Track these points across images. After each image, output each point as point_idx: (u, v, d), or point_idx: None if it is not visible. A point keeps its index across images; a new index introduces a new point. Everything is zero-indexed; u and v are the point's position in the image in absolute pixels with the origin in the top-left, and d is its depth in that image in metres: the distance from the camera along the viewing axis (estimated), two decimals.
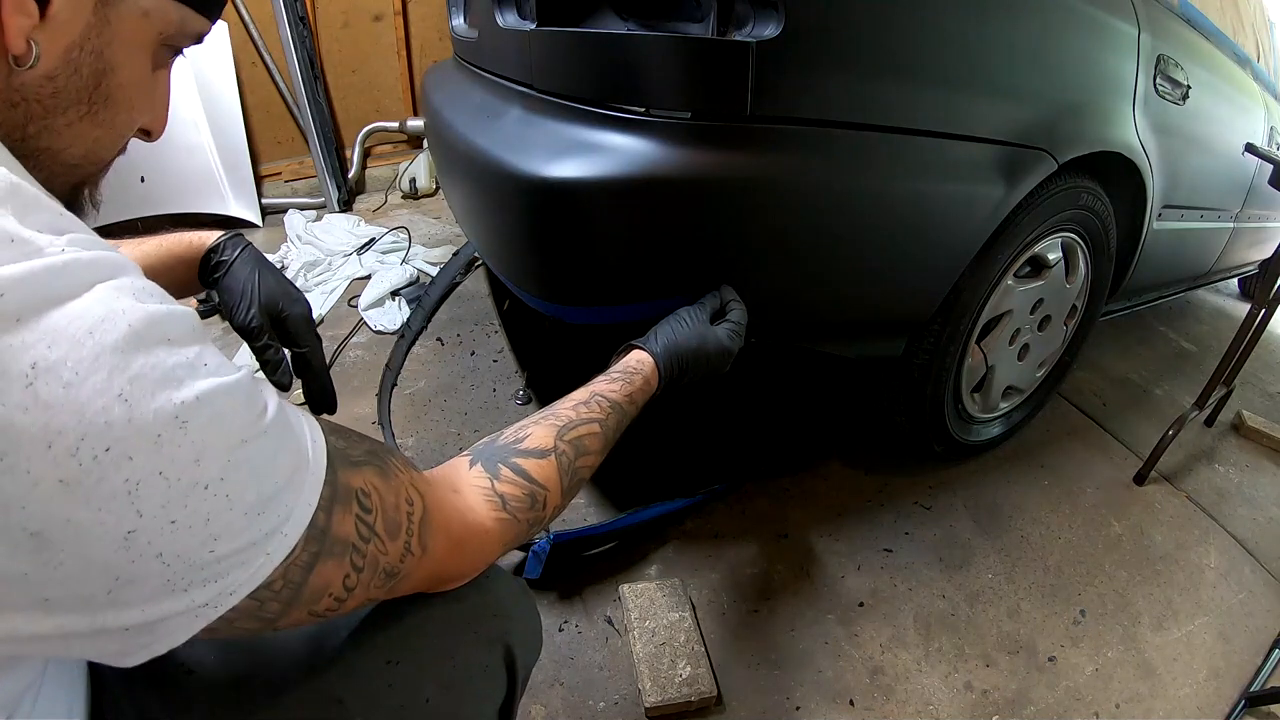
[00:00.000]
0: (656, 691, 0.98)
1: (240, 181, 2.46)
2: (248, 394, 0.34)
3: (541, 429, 0.59)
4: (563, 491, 0.58)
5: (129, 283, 0.30)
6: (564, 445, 0.59)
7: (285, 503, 0.35)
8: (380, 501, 0.42)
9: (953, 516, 1.40)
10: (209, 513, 0.31)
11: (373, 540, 0.41)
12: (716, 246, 0.93)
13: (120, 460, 0.28)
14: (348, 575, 0.39)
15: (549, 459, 0.57)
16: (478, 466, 0.54)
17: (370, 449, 0.44)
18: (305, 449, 0.37)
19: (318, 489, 0.37)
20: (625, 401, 0.68)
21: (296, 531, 0.36)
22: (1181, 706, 1.10)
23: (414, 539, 0.44)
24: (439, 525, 0.47)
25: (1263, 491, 1.64)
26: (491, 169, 0.96)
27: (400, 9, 2.71)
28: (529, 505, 0.54)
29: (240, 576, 0.33)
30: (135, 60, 0.39)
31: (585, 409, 0.63)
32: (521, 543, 0.54)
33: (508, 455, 0.56)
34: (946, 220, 1.08)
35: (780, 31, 0.80)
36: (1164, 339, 2.41)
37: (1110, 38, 1.23)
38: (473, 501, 0.51)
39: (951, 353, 1.26)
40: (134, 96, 0.40)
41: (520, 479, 0.54)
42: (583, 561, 1.20)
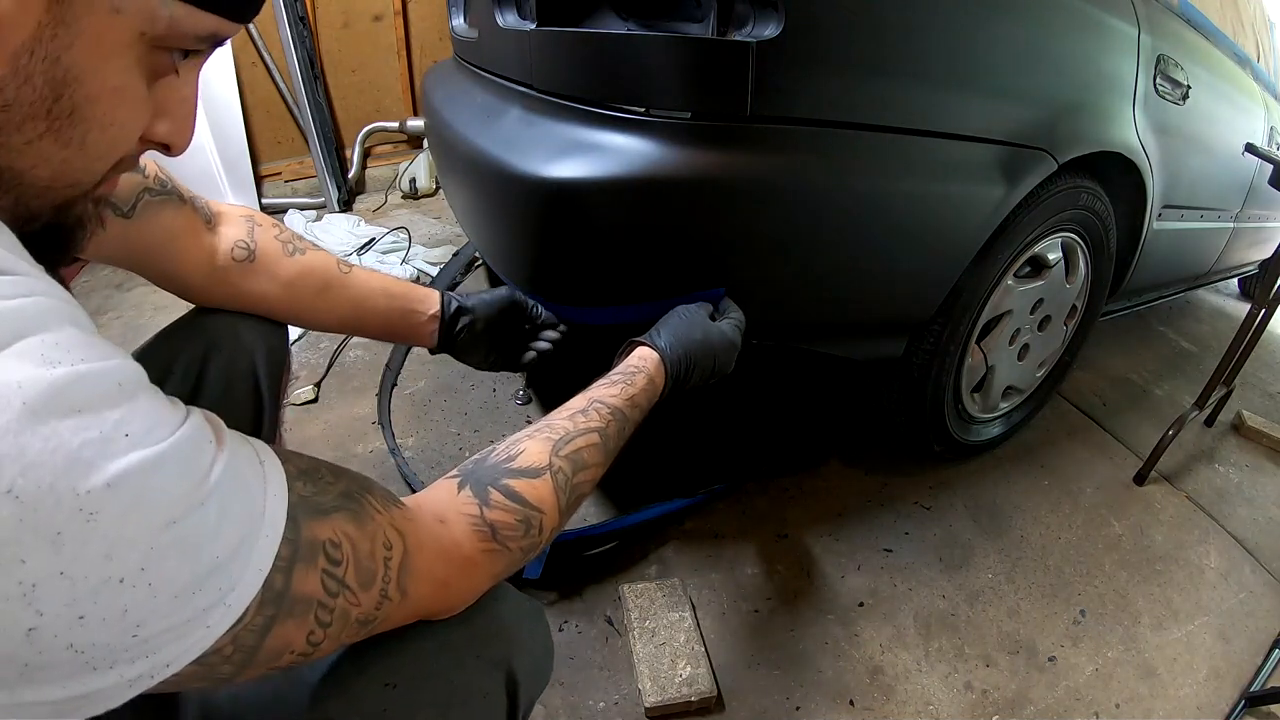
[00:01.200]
0: (656, 691, 0.98)
1: (240, 181, 2.46)
2: (183, 461, 0.30)
3: (535, 444, 0.55)
4: (560, 511, 0.54)
5: (37, 343, 0.26)
6: (560, 461, 0.54)
7: (229, 574, 0.31)
8: (352, 550, 0.38)
9: (953, 516, 1.40)
10: (126, 605, 0.28)
11: (342, 594, 0.37)
12: (716, 247, 0.93)
13: (11, 564, 0.25)
14: (311, 632, 0.36)
15: (544, 478, 0.53)
16: (466, 490, 0.49)
17: (344, 490, 0.40)
18: (259, 509, 0.34)
19: (272, 552, 0.34)
20: (627, 406, 0.64)
21: (244, 601, 0.32)
22: (1181, 706, 1.10)
23: (391, 585, 0.41)
24: (421, 567, 0.43)
25: (1263, 491, 1.64)
26: (492, 169, 0.96)
27: (400, 9, 2.71)
28: (523, 532, 0.50)
29: (175, 650, 0.30)
30: (109, 68, 0.32)
31: (583, 418, 0.59)
32: (514, 570, 0.51)
33: (498, 476, 0.51)
34: (946, 220, 1.08)
35: (780, 31, 0.80)
36: (1164, 339, 2.41)
37: (1110, 38, 1.23)
38: (459, 534, 0.47)
39: (951, 353, 1.26)
40: (111, 112, 0.33)
41: (512, 503, 0.50)
42: (583, 561, 1.20)
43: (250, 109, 2.54)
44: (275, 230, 0.74)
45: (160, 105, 0.37)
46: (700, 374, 0.76)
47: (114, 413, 0.28)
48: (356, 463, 1.39)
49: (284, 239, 0.74)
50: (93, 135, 0.33)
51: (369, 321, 0.80)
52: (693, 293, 0.91)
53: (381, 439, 1.44)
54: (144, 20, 0.32)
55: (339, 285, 0.76)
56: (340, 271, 0.76)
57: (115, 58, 0.32)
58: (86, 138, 0.33)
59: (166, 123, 0.38)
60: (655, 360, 0.70)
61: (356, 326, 0.81)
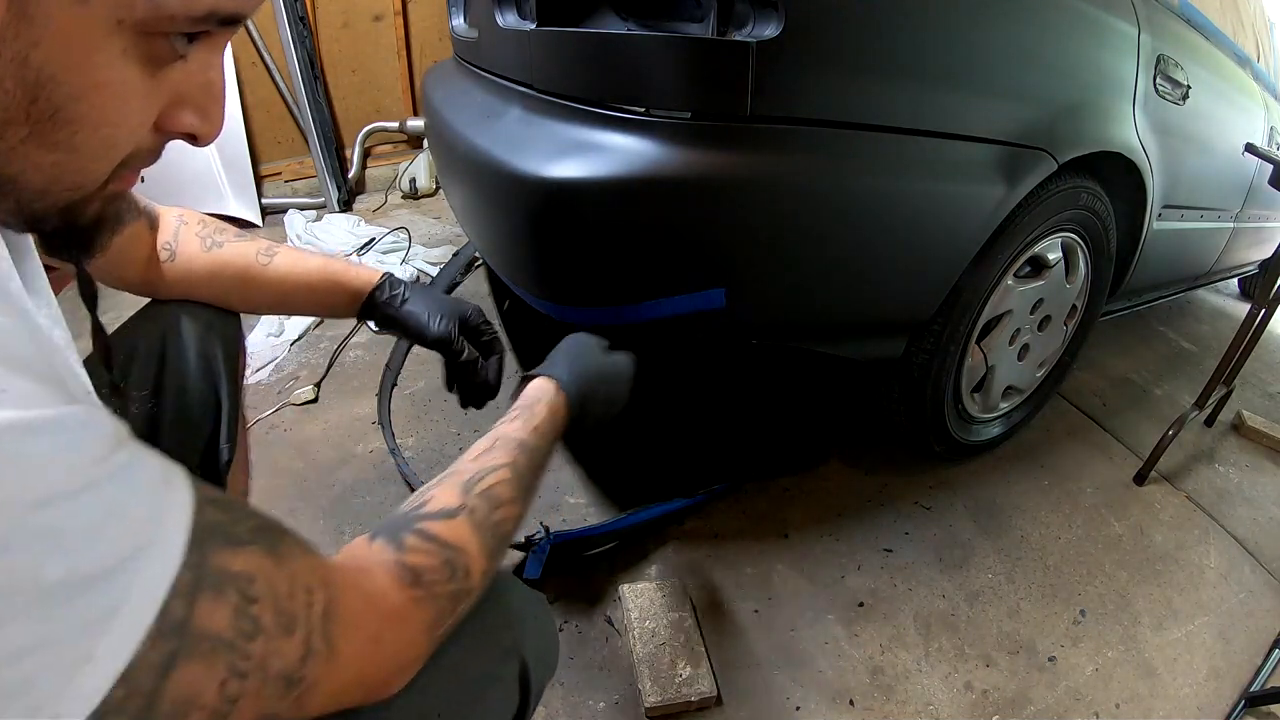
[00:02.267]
0: (656, 691, 0.98)
1: (240, 181, 2.46)
2: (68, 437, 0.26)
3: (443, 489, 0.51)
4: (486, 552, 0.49)
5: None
6: (473, 500, 0.51)
7: (116, 586, 0.27)
8: (270, 589, 0.34)
9: (953, 516, 1.40)
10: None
11: (260, 637, 0.33)
12: (716, 247, 0.93)
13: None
14: (225, 682, 0.31)
15: (459, 518, 0.49)
16: (379, 541, 0.45)
17: (261, 525, 0.36)
18: (155, 518, 0.29)
19: (169, 572, 0.29)
20: (532, 437, 0.59)
21: (136, 626, 0.28)
22: (1181, 706, 1.10)
23: (316, 635, 0.36)
24: (348, 619, 0.38)
25: (1263, 491, 1.64)
26: (492, 169, 0.96)
27: (400, 9, 2.71)
28: (448, 575, 0.46)
29: (53, 683, 0.26)
30: (87, 63, 0.29)
31: (489, 457, 0.55)
32: (451, 623, 0.47)
33: (410, 523, 0.47)
34: (946, 220, 1.08)
35: (780, 31, 0.80)
36: (1164, 339, 2.41)
37: (1110, 37, 1.23)
38: (382, 584, 0.43)
39: (951, 353, 1.26)
40: (99, 110, 0.30)
41: (430, 545, 0.46)
42: (583, 561, 1.20)
43: (250, 109, 2.54)
44: (199, 227, 0.75)
45: (176, 94, 0.34)
46: (600, 404, 0.72)
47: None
48: (356, 463, 1.40)
49: (203, 234, 0.75)
50: (82, 136, 0.31)
51: (299, 308, 0.82)
52: (692, 293, 0.91)
53: (381, 439, 1.44)
54: (119, 6, 0.29)
55: (258, 278, 0.77)
56: (260, 264, 0.76)
57: (94, 51, 0.29)
58: (75, 139, 0.31)
59: (189, 112, 0.35)
60: (552, 390, 0.67)
61: (287, 310, 0.83)
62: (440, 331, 0.80)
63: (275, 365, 1.69)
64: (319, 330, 1.83)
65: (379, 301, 0.81)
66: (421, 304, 0.81)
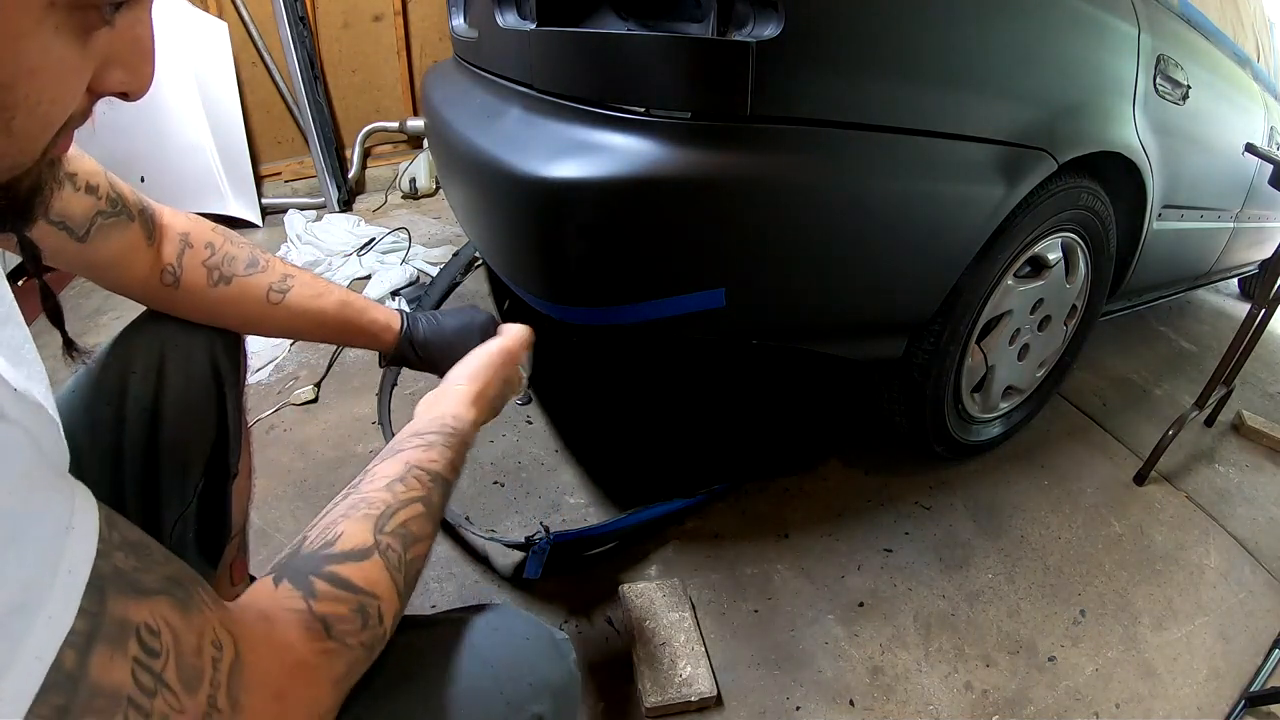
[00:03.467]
0: (656, 691, 0.98)
1: (240, 181, 2.46)
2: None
3: (354, 524, 0.47)
4: (398, 594, 0.47)
5: None
6: (387, 539, 0.47)
7: (5, 634, 0.26)
8: (174, 643, 0.32)
9: (953, 516, 1.40)
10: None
11: (160, 693, 0.31)
12: (716, 247, 0.93)
13: None
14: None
15: (373, 559, 0.46)
16: (285, 584, 0.43)
17: (171, 575, 0.34)
18: (52, 557, 0.28)
19: (66, 617, 0.28)
20: (448, 469, 0.56)
21: (26, 682, 0.26)
22: (1181, 706, 1.10)
23: (220, 693, 0.34)
24: (255, 676, 0.37)
25: (1263, 491, 1.64)
26: (492, 169, 0.96)
27: (400, 9, 2.71)
28: (360, 624, 0.43)
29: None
30: (18, 50, 0.28)
31: (403, 487, 0.51)
32: (361, 672, 0.44)
33: (320, 564, 0.44)
34: (947, 220, 1.08)
35: (780, 31, 0.80)
36: (1164, 339, 2.41)
37: (1110, 38, 1.23)
38: (290, 635, 0.40)
39: (951, 353, 1.26)
40: (35, 92, 0.30)
41: (342, 592, 0.43)
42: (583, 561, 1.20)
43: (250, 109, 2.54)
44: (205, 253, 0.71)
45: (107, 56, 0.33)
46: (499, 402, 0.70)
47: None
48: (356, 463, 1.39)
49: (211, 264, 0.71)
50: (20, 120, 0.30)
51: (311, 339, 0.80)
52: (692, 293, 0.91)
53: (381, 439, 1.44)
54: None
55: (267, 317, 0.74)
56: (270, 303, 0.73)
57: (25, 37, 0.28)
58: (13, 124, 0.30)
59: (118, 71, 0.34)
60: (469, 420, 0.63)
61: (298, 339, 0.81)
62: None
63: (275, 365, 1.69)
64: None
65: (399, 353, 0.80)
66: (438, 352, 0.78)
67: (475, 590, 1.15)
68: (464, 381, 0.67)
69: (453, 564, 1.19)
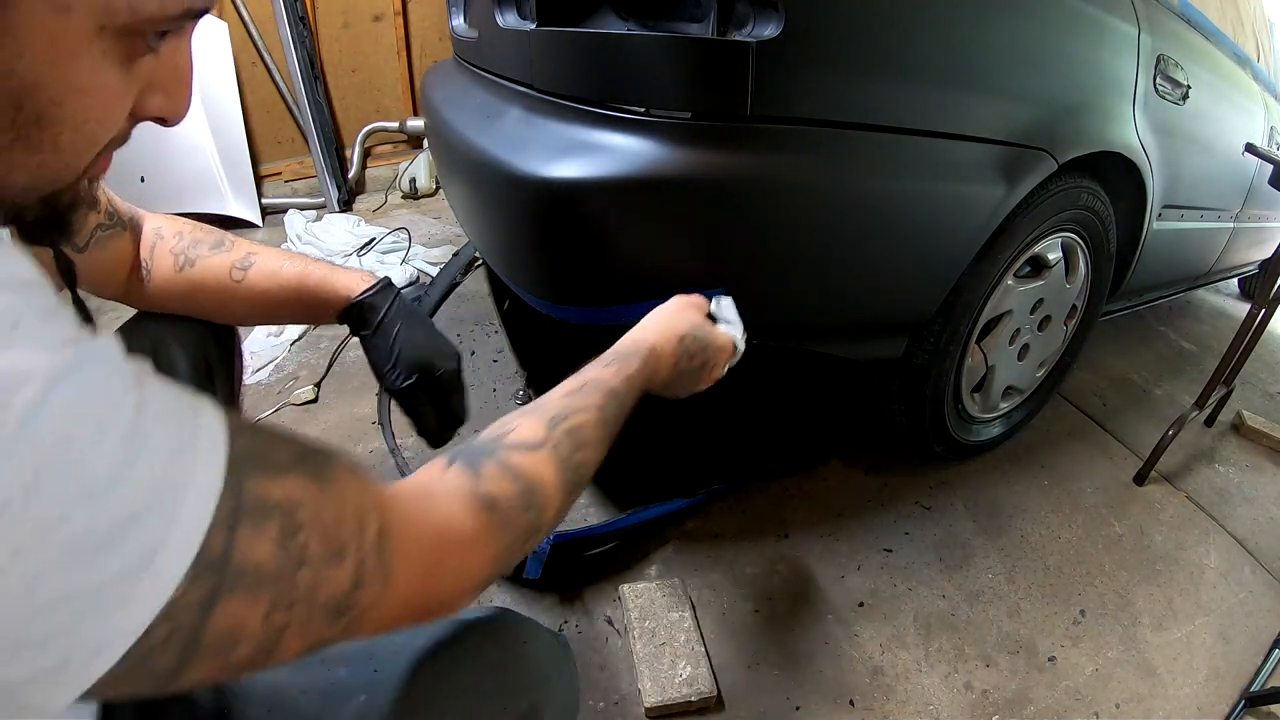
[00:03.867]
0: (656, 691, 0.98)
1: (240, 181, 2.46)
2: (85, 374, 0.25)
3: (529, 421, 0.50)
4: (562, 489, 0.48)
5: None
6: (558, 436, 0.49)
7: (150, 528, 0.26)
8: (314, 516, 0.32)
9: (953, 516, 1.40)
10: (14, 544, 0.23)
11: (305, 566, 0.31)
12: (716, 247, 0.93)
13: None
14: (269, 614, 0.30)
15: (542, 451, 0.47)
16: (456, 466, 0.44)
17: (301, 452, 0.34)
18: (187, 453, 0.28)
19: (207, 506, 0.28)
20: (624, 387, 0.58)
21: (176, 565, 0.27)
22: (1181, 706, 1.10)
23: (368, 562, 0.34)
24: (403, 543, 0.37)
25: (1263, 491, 1.64)
26: (492, 169, 0.96)
27: (400, 9, 2.71)
28: (523, 506, 0.44)
29: (96, 629, 0.25)
30: (69, 69, 0.30)
31: (580, 397, 0.54)
32: (519, 556, 0.45)
33: (493, 450, 0.46)
34: (947, 220, 1.08)
35: (780, 31, 0.80)
36: (1164, 339, 2.41)
37: (1110, 38, 1.23)
38: (451, 508, 0.41)
39: (951, 353, 1.26)
40: (81, 110, 0.31)
41: (509, 474, 0.45)
42: (583, 561, 1.20)
43: (250, 109, 2.54)
44: (174, 241, 0.72)
45: (149, 81, 0.35)
46: (685, 377, 0.70)
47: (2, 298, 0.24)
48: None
49: (177, 250, 0.72)
50: (65, 136, 0.32)
51: (282, 319, 0.79)
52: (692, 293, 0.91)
53: (382, 439, 1.44)
54: (100, 13, 0.30)
55: (234, 295, 0.73)
56: (233, 280, 0.73)
57: (76, 58, 0.30)
58: (59, 140, 0.31)
59: (158, 97, 0.36)
60: (647, 348, 0.64)
61: (272, 322, 0.78)
62: (391, 386, 0.74)
63: (275, 365, 1.69)
64: (319, 330, 1.82)
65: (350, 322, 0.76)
66: (386, 344, 0.74)
67: None
68: (648, 316, 0.69)
69: None
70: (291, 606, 0.31)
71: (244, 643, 0.30)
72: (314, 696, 0.50)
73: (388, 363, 0.74)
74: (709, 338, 0.72)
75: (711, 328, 0.74)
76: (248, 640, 0.30)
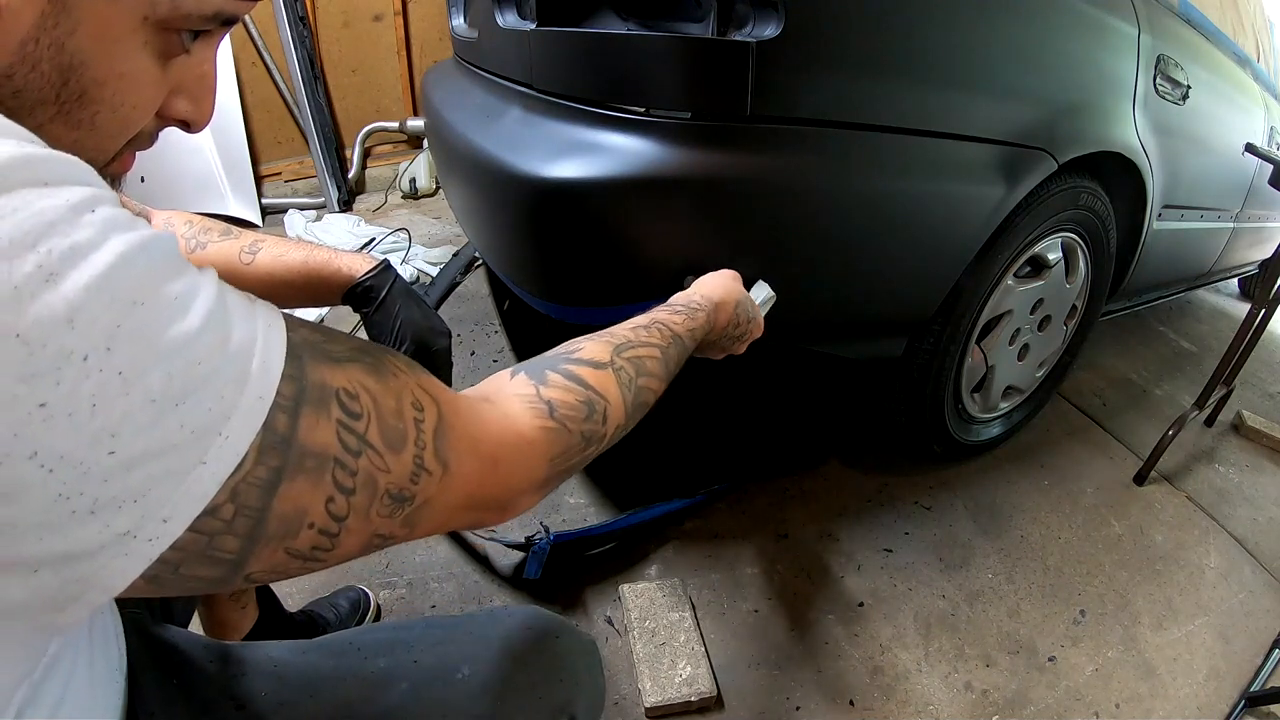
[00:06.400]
0: (656, 691, 0.98)
1: (240, 181, 2.46)
2: (155, 252, 0.27)
3: (595, 343, 0.51)
4: (625, 408, 0.49)
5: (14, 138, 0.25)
6: (623, 361, 0.51)
7: (219, 395, 0.27)
8: (374, 405, 0.33)
9: (953, 516, 1.40)
10: (94, 394, 0.24)
11: (365, 453, 0.32)
12: (716, 247, 0.93)
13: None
14: (332, 498, 0.31)
15: (606, 371, 0.49)
16: (521, 375, 0.46)
17: (359, 345, 0.36)
18: (249, 331, 0.30)
19: (272, 382, 0.29)
20: (687, 335, 0.60)
21: (244, 436, 0.28)
22: (1181, 706, 1.10)
23: (427, 452, 0.35)
24: (462, 435, 0.38)
25: (1263, 491, 1.64)
26: (492, 169, 0.96)
27: (400, 9, 2.71)
28: (585, 415, 0.45)
29: (169, 494, 0.26)
30: (113, 52, 0.32)
31: (645, 333, 0.56)
32: (576, 463, 0.46)
33: (558, 363, 0.47)
34: (947, 220, 1.08)
35: (780, 31, 0.80)
36: (1164, 339, 2.41)
37: (1110, 38, 1.23)
38: (511, 409, 0.42)
39: (951, 353, 1.26)
40: (119, 93, 0.33)
41: (574, 384, 0.46)
42: (583, 561, 1.20)
43: (250, 109, 2.54)
44: (184, 228, 0.75)
45: (177, 83, 0.37)
46: (729, 340, 0.75)
47: (84, 190, 0.26)
48: None
49: (187, 235, 0.74)
50: (102, 116, 0.34)
51: (289, 302, 0.79)
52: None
53: None
54: (146, 4, 0.32)
55: (242, 277, 0.75)
56: (243, 263, 0.75)
57: (120, 42, 0.32)
58: (96, 119, 0.33)
59: (184, 101, 0.38)
60: (711, 306, 0.68)
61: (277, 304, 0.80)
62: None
63: None
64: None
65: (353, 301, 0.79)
66: (388, 321, 0.77)
67: (475, 590, 1.15)
68: (708, 278, 0.74)
69: (452, 564, 1.19)
70: (352, 493, 0.32)
71: (307, 530, 0.31)
72: (356, 684, 0.51)
73: (388, 337, 0.76)
74: (754, 312, 0.77)
75: (754, 304, 0.79)
76: (311, 528, 0.31)
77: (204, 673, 0.52)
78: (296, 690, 0.51)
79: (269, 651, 0.55)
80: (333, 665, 0.54)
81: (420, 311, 0.78)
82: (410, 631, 0.57)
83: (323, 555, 0.32)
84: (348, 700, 0.50)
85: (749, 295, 0.78)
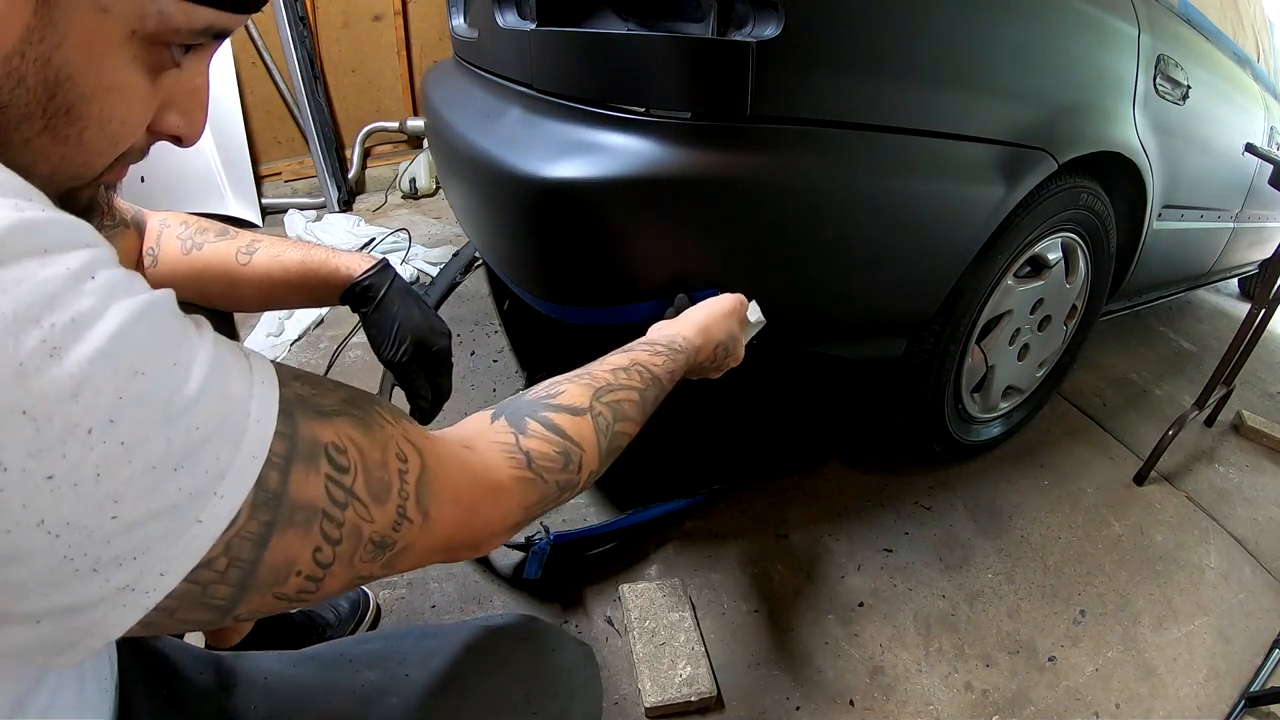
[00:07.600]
0: (656, 691, 0.98)
1: (240, 181, 2.46)
2: (155, 317, 0.28)
3: (576, 387, 0.52)
4: (600, 455, 0.50)
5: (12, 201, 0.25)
6: (601, 406, 0.51)
7: (215, 456, 0.29)
8: (360, 458, 0.35)
9: (953, 516, 1.40)
10: (98, 465, 0.25)
11: (352, 505, 0.34)
12: (716, 247, 0.93)
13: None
14: (319, 548, 0.33)
15: (584, 417, 0.50)
16: (500, 421, 0.47)
17: (347, 398, 0.37)
18: (244, 391, 0.31)
19: (265, 440, 0.31)
20: (666, 377, 0.61)
21: (237, 494, 0.29)
22: (1181, 706, 1.10)
23: (410, 502, 0.37)
24: (443, 485, 0.39)
25: (1263, 491, 1.64)
26: (492, 169, 0.96)
27: (400, 9, 2.71)
28: (561, 465, 0.47)
29: (166, 551, 0.27)
30: (101, 66, 0.32)
31: (625, 375, 0.56)
32: (551, 509, 0.48)
33: (537, 409, 0.48)
34: (947, 220, 1.08)
35: (780, 31, 0.80)
36: (1164, 339, 2.41)
37: (1110, 38, 1.23)
38: (490, 458, 0.44)
39: (951, 353, 1.26)
40: (108, 109, 0.33)
41: (552, 434, 0.47)
42: (583, 561, 1.20)
43: (250, 109, 2.54)
44: (181, 228, 0.74)
45: (167, 98, 0.37)
46: (702, 373, 0.74)
47: (84, 253, 0.26)
48: None
49: (184, 235, 0.74)
50: (90, 132, 0.33)
51: (286, 302, 0.80)
52: (693, 293, 0.91)
53: None
54: (134, 18, 0.32)
55: (239, 277, 0.75)
56: (239, 263, 0.75)
57: (108, 56, 0.32)
58: (84, 135, 0.33)
59: (175, 115, 0.38)
60: (694, 348, 0.68)
61: (275, 306, 0.80)
62: (390, 358, 0.77)
63: None
64: (319, 330, 1.83)
65: (352, 301, 0.78)
66: (387, 320, 0.77)
67: (475, 590, 1.15)
68: (698, 311, 0.73)
69: (453, 564, 1.19)
70: (338, 543, 0.34)
71: (294, 577, 0.32)
72: (346, 698, 0.51)
73: (388, 338, 0.76)
74: (735, 349, 0.76)
75: (740, 337, 0.78)
76: (298, 575, 0.32)
77: (195, 684, 0.52)
78: (286, 704, 0.51)
79: (260, 663, 0.55)
80: (323, 678, 0.54)
81: (420, 311, 0.78)
82: (403, 642, 0.56)
83: (308, 597, 0.34)
84: (337, 714, 0.50)
85: (739, 333, 0.77)
